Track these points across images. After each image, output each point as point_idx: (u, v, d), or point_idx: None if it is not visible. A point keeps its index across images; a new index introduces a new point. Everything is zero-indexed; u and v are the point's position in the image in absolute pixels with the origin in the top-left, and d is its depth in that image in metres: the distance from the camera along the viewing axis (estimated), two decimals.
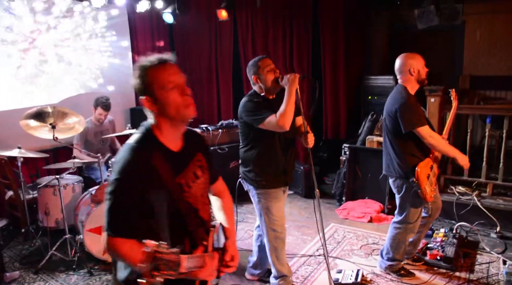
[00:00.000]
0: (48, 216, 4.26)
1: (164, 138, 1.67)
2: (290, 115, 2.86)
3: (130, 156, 1.59)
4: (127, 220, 1.55)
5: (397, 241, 3.51)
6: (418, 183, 3.17)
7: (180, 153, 1.71)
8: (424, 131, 3.15)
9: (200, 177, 1.77)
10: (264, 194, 3.12)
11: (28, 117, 4.02)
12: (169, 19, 6.31)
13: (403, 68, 3.26)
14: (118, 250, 1.54)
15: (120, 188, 1.55)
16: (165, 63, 1.66)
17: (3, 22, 4.83)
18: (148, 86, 1.62)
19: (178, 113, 1.64)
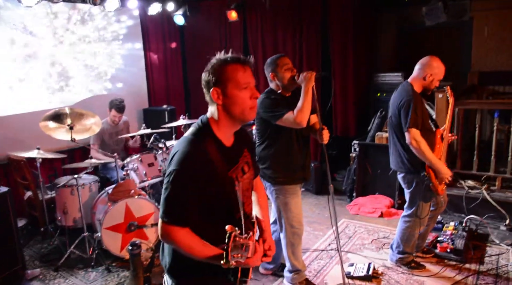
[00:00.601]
0: (66, 215, 4.39)
1: (220, 132, 1.75)
2: (307, 112, 2.94)
3: (188, 148, 1.65)
4: (183, 209, 1.63)
5: (407, 234, 3.58)
6: (430, 177, 3.24)
7: (231, 148, 1.79)
8: (412, 133, 3.20)
9: (246, 172, 1.86)
10: (282, 190, 3.19)
11: (47, 119, 4.16)
12: (180, 21, 6.44)
13: (423, 69, 3.32)
14: (173, 237, 1.63)
15: (178, 179, 1.62)
16: (245, 63, 1.74)
17: (20, 26, 4.97)
18: (223, 80, 1.69)
19: (242, 112, 1.72)
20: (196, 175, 1.63)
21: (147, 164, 4.58)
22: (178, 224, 1.63)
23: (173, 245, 1.69)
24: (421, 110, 3.27)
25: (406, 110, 3.22)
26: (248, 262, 1.59)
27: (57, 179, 4.65)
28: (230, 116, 1.73)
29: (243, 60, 1.73)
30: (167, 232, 1.64)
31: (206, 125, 1.75)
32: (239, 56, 1.74)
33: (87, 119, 4.31)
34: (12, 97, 4.98)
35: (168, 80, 6.89)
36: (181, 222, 1.64)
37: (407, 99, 3.24)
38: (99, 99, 5.76)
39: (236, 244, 1.43)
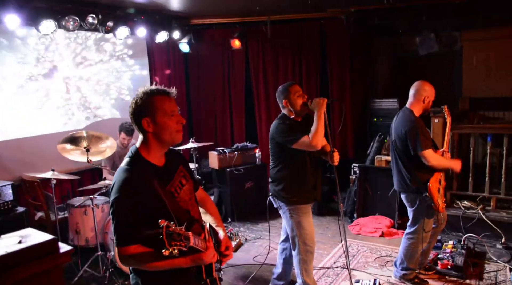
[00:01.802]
0: (78, 235, 4.51)
1: (150, 156, 1.95)
2: (321, 135, 3.18)
3: (123, 176, 1.85)
4: (131, 230, 1.80)
5: (411, 251, 3.78)
6: (431, 197, 3.47)
7: (164, 167, 2.00)
8: (428, 154, 3.46)
9: (185, 184, 2.08)
10: (296, 210, 3.37)
11: (65, 141, 4.32)
12: (185, 48, 6.72)
13: (418, 94, 3.60)
14: (130, 257, 1.80)
15: (120, 204, 1.81)
16: (170, 94, 1.97)
17: (32, 53, 5.19)
18: (152, 110, 1.91)
19: (170, 136, 1.94)
20: (135, 197, 1.82)
21: None
22: (130, 243, 1.80)
23: (134, 265, 1.87)
24: (427, 134, 3.54)
25: (414, 136, 3.47)
26: (203, 256, 1.81)
27: (69, 200, 4.77)
28: (160, 141, 1.94)
29: (166, 91, 1.97)
30: (123, 254, 1.81)
31: (136, 153, 1.95)
32: (163, 88, 1.97)
33: (103, 142, 4.47)
34: (26, 120, 5.14)
35: None
36: (132, 241, 1.81)
37: (412, 126, 3.49)
38: (106, 123, 5.93)
39: (171, 233, 1.63)
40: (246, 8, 5.93)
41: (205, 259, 1.84)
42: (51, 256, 1.42)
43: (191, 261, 1.82)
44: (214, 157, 5.90)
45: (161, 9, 5.85)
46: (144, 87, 1.97)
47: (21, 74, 5.09)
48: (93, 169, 5.19)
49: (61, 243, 1.56)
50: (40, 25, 4.70)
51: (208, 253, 1.84)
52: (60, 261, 1.44)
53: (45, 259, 1.41)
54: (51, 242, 1.39)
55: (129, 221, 1.81)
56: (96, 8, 5.18)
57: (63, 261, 1.49)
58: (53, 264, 1.48)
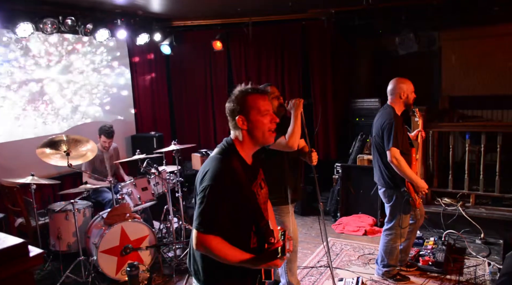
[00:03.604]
0: (60, 240, 4.45)
1: (243, 152, 1.99)
2: (298, 136, 3.20)
3: (219, 165, 1.89)
4: (217, 219, 1.84)
5: (390, 247, 3.83)
6: (409, 192, 3.52)
7: (252, 167, 2.04)
8: (392, 152, 3.50)
9: (263, 188, 2.12)
10: (278, 210, 3.37)
11: (44, 146, 4.26)
12: (166, 50, 6.69)
13: (394, 91, 3.66)
14: (208, 245, 1.83)
15: (213, 193, 1.83)
16: (263, 93, 2.02)
17: (8, 58, 5.10)
18: (246, 109, 1.95)
19: (263, 136, 1.98)
20: (227, 188, 1.85)
21: (141, 189, 4.71)
22: (212, 233, 1.83)
23: (208, 253, 1.87)
24: (401, 132, 3.58)
25: (389, 131, 3.52)
26: (277, 262, 1.84)
27: (50, 205, 4.70)
28: (253, 139, 1.99)
29: (262, 90, 2.02)
30: (202, 241, 1.83)
31: (231, 145, 1.99)
32: (258, 87, 2.03)
33: (83, 145, 4.42)
34: (4, 124, 5.05)
35: (154, 107, 7.07)
36: (215, 231, 1.83)
37: (389, 122, 3.54)
38: (87, 126, 5.87)
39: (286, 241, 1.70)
40: (228, 9, 5.93)
41: (278, 264, 1.87)
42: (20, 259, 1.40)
43: (265, 264, 1.85)
44: (197, 159, 5.88)
45: (142, 11, 5.81)
46: (240, 86, 2.03)
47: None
48: (74, 173, 5.12)
49: (31, 247, 1.53)
50: (17, 27, 4.63)
51: (279, 259, 1.86)
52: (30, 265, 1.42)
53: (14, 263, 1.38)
54: (21, 245, 1.37)
55: (217, 210, 1.83)
56: (75, 10, 5.12)
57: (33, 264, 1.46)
58: (23, 268, 1.46)
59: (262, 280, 1.93)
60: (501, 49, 6.50)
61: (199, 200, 1.86)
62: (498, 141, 4.81)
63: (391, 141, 3.50)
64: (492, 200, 5.05)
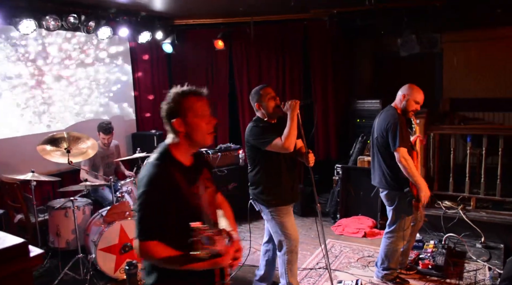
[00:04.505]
0: (59, 238, 4.44)
1: (179, 155, 1.96)
2: (294, 137, 3.19)
3: (154, 171, 1.86)
4: (155, 225, 1.81)
5: (391, 250, 3.82)
6: (412, 193, 3.51)
7: (191, 168, 2.01)
8: (401, 151, 3.48)
9: (208, 187, 2.09)
10: (277, 211, 3.37)
11: (45, 143, 4.26)
12: (168, 49, 6.67)
13: (400, 93, 3.66)
14: (151, 252, 1.81)
15: (149, 198, 1.82)
16: (201, 95, 1.99)
17: (12, 53, 5.09)
18: (184, 110, 1.92)
19: (202, 138, 1.96)
20: (164, 193, 1.83)
21: None
22: (152, 239, 1.80)
23: (153, 260, 1.87)
24: (406, 133, 3.57)
25: (394, 131, 3.51)
26: (220, 261, 1.82)
27: (50, 202, 4.70)
28: (191, 141, 1.97)
29: (199, 92, 1.99)
30: (144, 248, 1.81)
31: (167, 150, 1.97)
32: (195, 89, 1.99)
33: (84, 143, 4.43)
34: (5, 120, 5.04)
35: (155, 106, 7.04)
36: (155, 238, 1.81)
37: (394, 122, 3.53)
38: (88, 124, 5.85)
39: (201, 236, 1.65)
40: (230, 9, 5.91)
41: (223, 263, 1.86)
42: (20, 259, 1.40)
43: (209, 264, 1.82)
44: None
45: (144, 9, 5.80)
46: (176, 87, 1.99)
47: (1, 73, 4.98)
48: (75, 170, 5.11)
49: (32, 247, 1.52)
50: (20, 24, 4.61)
51: (226, 257, 1.85)
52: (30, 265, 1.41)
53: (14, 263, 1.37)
54: (21, 245, 1.36)
55: (154, 216, 1.81)
56: (78, 7, 5.11)
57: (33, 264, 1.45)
58: (22, 268, 1.45)
59: (215, 281, 1.94)
60: (503, 52, 6.48)
61: (136, 208, 1.85)
62: (500, 145, 4.80)
63: (397, 141, 3.48)
64: (493, 204, 5.03)
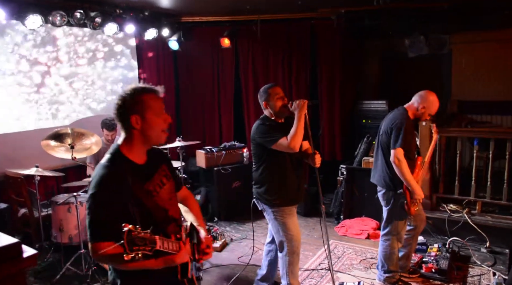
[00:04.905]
0: (61, 233, 4.46)
1: (131, 154, 1.95)
2: (300, 138, 3.15)
3: (102, 172, 1.85)
4: (106, 226, 1.78)
5: (388, 252, 3.79)
6: (405, 195, 3.49)
7: (145, 165, 2.00)
8: (397, 152, 3.46)
9: (165, 183, 2.07)
10: (280, 212, 3.33)
11: (49, 138, 4.26)
12: (174, 46, 6.65)
13: (418, 101, 3.60)
14: (102, 253, 1.77)
15: (97, 200, 1.81)
16: (158, 92, 1.99)
17: (19, 49, 5.10)
18: (142, 107, 1.91)
19: (157, 135, 1.96)
20: (113, 193, 1.82)
21: None
22: (103, 240, 1.78)
23: (106, 262, 1.87)
24: (410, 137, 3.53)
25: (398, 131, 3.48)
26: (174, 258, 1.83)
27: (54, 197, 4.72)
28: (146, 138, 1.96)
29: (156, 89, 1.99)
30: (96, 250, 1.78)
31: (117, 150, 1.95)
32: (152, 86, 1.99)
33: (88, 139, 4.43)
34: (10, 115, 5.06)
35: None
36: (106, 239, 1.78)
37: (401, 122, 3.51)
38: (92, 120, 5.85)
39: (134, 238, 1.61)
40: (237, 6, 5.89)
41: (176, 261, 1.85)
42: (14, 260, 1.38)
43: (162, 263, 1.82)
44: (202, 156, 5.86)
45: (151, 6, 5.79)
46: (132, 84, 1.98)
47: (8, 68, 5.00)
48: (79, 166, 5.10)
49: (25, 247, 1.51)
50: (27, 19, 4.61)
51: (179, 255, 1.85)
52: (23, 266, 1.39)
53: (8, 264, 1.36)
54: (15, 246, 1.34)
55: (103, 218, 1.79)
56: (85, 3, 5.11)
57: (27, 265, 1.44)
58: (16, 269, 1.43)
59: (178, 278, 1.93)
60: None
61: (86, 210, 1.84)
62: (507, 148, 4.73)
63: (399, 141, 3.46)
64: (499, 208, 4.96)
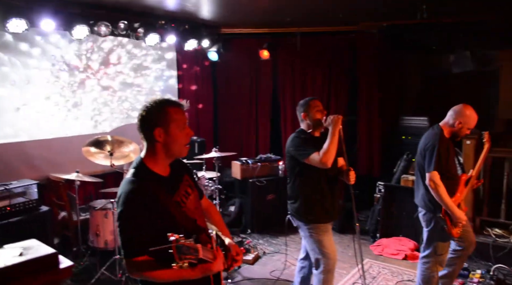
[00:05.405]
0: (98, 237, 4.56)
1: (156, 167, 1.94)
2: (332, 154, 3.06)
3: (129, 188, 1.83)
4: (139, 242, 1.78)
5: (428, 276, 3.61)
6: (445, 220, 3.32)
7: (170, 178, 1.99)
8: (432, 176, 3.31)
9: (191, 194, 2.07)
10: (315, 229, 3.26)
11: (89, 144, 4.39)
12: (214, 57, 6.74)
13: (454, 116, 3.44)
14: (141, 269, 1.78)
15: (127, 218, 1.80)
16: (182, 107, 1.98)
17: (61, 56, 5.30)
18: (167, 120, 1.90)
19: (179, 149, 1.96)
20: (141, 208, 1.80)
21: None
22: (137, 255, 1.77)
23: (142, 277, 1.83)
24: (446, 156, 3.37)
25: (431, 153, 3.34)
26: (211, 267, 1.80)
27: (92, 202, 4.84)
28: (168, 152, 1.94)
29: (180, 103, 1.97)
30: (131, 266, 1.79)
31: (141, 164, 1.94)
32: (176, 100, 1.98)
33: (126, 147, 4.52)
34: (54, 121, 5.24)
35: (198, 113, 7.13)
36: (139, 253, 1.77)
37: (433, 144, 3.36)
38: (131, 128, 5.94)
39: (180, 247, 1.60)
40: (276, 19, 5.90)
41: (213, 269, 1.84)
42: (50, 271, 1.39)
43: (200, 272, 1.81)
44: (237, 167, 5.86)
45: (192, 17, 5.89)
46: (156, 97, 1.98)
47: (54, 75, 5.19)
48: (116, 172, 5.19)
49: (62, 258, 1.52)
50: (74, 29, 4.79)
51: (216, 263, 1.84)
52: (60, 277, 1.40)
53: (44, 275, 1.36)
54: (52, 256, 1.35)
55: (136, 233, 1.79)
56: (128, 14, 5.26)
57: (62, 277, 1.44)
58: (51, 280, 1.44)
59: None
60: None
61: (118, 227, 1.82)
62: None
63: (432, 164, 3.32)
64: None
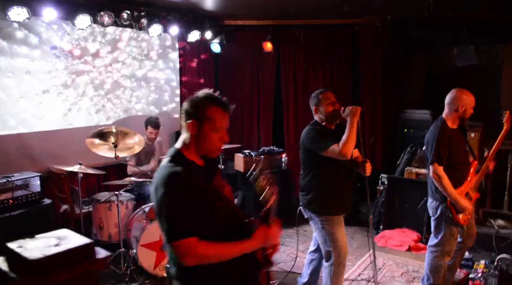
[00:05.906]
0: (101, 231, 4.51)
1: (191, 156, 1.92)
2: (352, 145, 3.05)
3: (168, 171, 1.80)
4: (186, 222, 1.74)
5: (436, 265, 3.63)
6: (450, 210, 3.34)
7: (205, 167, 1.97)
8: (434, 168, 3.33)
9: (225, 186, 2.06)
10: (328, 221, 3.26)
11: (93, 136, 4.33)
12: (216, 49, 6.69)
13: (452, 102, 3.44)
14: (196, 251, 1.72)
15: (169, 198, 1.74)
16: (226, 109, 1.92)
17: (63, 46, 5.22)
18: (204, 117, 1.87)
19: (208, 150, 1.92)
20: (183, 190, 1.75)
21: None
22: (189, 235, 1.72)
23: (201, 259, 1.76)
24: (446, 147, 3.36)
25: (431, 145, 3.37)
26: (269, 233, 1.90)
27: (95, 194, 4.79)
28: (198, 146, 1.91)
29: (226, 105, 1.91)
30: (186, 249, 1.72)
31: (177, 152, 1.92)
32: (223, 100, 1.91)
33: (131, 138, 4.47)
34: (57, 112, 5.18)
35: None
36: (191, 233, 1.73)
37: (433, 136, 3.38)
38: (134, 119, 5.93)
39: None
40: (280, 11, 5.86)
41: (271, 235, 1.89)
42: (87, 261, 1.35)
43: (258, 243, 1.85)
44: (240, 159, 5.84)
45: (195, 8, 5.84)
46: (206, 90, 1.96)
47: (55, 67, 5.12)
48: (120, 164, 5.17)
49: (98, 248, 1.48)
50: (76, 19, 4.73)
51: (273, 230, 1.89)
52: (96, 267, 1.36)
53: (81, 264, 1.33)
54: (88, 246, 1.32)
55: (182, 213, 1.73)
56: (131, 4, 5.20)
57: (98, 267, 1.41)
58: (88, 270, 1.40)
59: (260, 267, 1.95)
60: None
61: (158, 214, 1.77)
62: None
63: (432, 156, 3.34)
64: None
